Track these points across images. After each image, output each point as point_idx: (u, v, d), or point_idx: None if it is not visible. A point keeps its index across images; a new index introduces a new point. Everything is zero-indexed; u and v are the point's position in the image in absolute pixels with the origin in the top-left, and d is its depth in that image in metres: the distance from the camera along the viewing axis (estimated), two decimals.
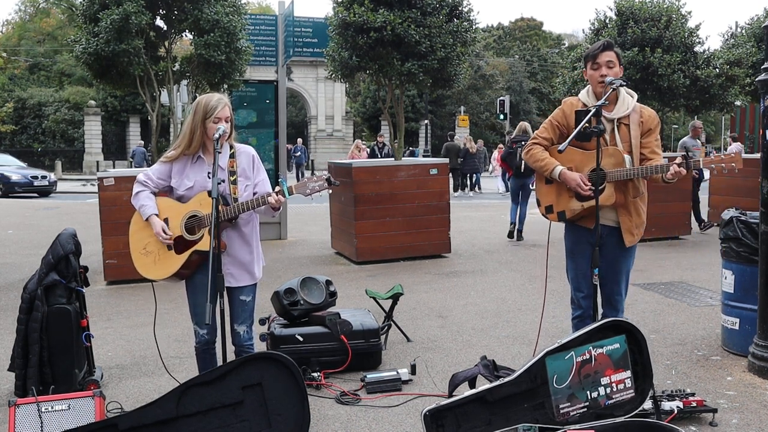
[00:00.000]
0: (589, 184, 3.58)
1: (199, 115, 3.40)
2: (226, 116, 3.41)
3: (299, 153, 29.57)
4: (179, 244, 3.43)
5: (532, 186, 9.60)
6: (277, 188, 3.33)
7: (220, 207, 3.31)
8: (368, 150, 18.77)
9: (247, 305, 3.56)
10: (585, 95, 3.78)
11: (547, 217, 3.86)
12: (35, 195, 21.71)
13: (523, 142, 9.34)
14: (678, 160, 3.49)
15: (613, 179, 3.58)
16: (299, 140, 32.09)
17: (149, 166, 9.47)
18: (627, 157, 3.63)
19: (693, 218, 10.48)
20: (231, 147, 3.52)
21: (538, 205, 3.91)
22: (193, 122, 3.42)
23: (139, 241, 3.54)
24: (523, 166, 9.33)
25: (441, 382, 4.20)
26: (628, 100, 3.70)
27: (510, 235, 10.10)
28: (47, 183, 22.30)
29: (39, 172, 23.16)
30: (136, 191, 3.53)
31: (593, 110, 3.48)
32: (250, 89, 10.56)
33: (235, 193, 3.42)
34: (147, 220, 3.46)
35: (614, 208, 3.67)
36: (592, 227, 3.62)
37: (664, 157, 3.84)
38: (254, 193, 3.50)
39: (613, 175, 3.58)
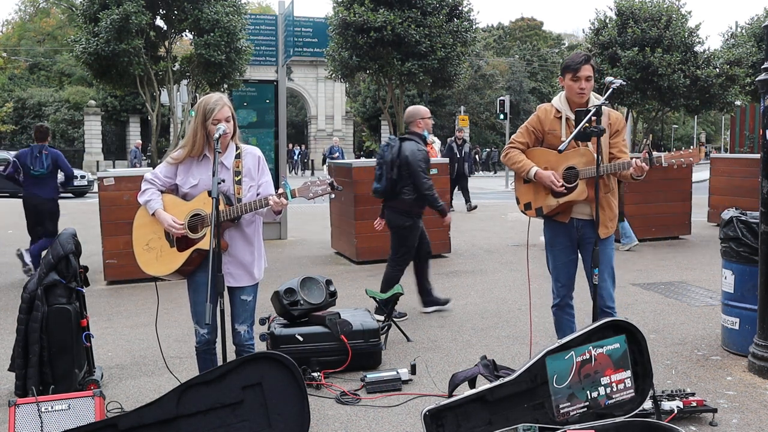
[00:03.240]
0: (561, 180, 3.85)
1: (200, 118, 3.42)
2: (226, 116, 3.41)
3: (336, 154, 24.28)
4: (181, 242, 3.44)
5: None
6: (280, 190, 3.34)
7: (223, 207, 3.32)
8: (442, 146, 15.35)
9: (248, 305, 3.57)
10: (558, 102, 4.01)
11: (525, 214, 4.09)
12: (71, 195, 21.27)
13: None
14: (643, 155, 3.74)
15: (585, 176, 3.82)
16: (336, 139, 27.49)
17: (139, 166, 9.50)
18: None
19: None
20: (237, 147, 3.52)
21: (518, 203, 4.14)
22: (195, 125, 3.44)
23: (143, 236, 3.54)
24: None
25: (441, 382, 4.20)
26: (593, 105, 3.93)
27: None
28: (86, 183, 21.93)
29: (78, 172, 22.61)
30: (143, 189, 3.54)
31: (594, 110, 3.59)
32: (250, 89, 10.56)
33: (239, 194, 3.42)
34: (154, 214, 3.46)
35: (588, 203, 3.90)
36: (566, 222, 3.95)
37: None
38: (257, 195, 3.51)
39: (584, 173, 3.82)
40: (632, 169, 3.67)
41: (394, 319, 5.28)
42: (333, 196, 3.44)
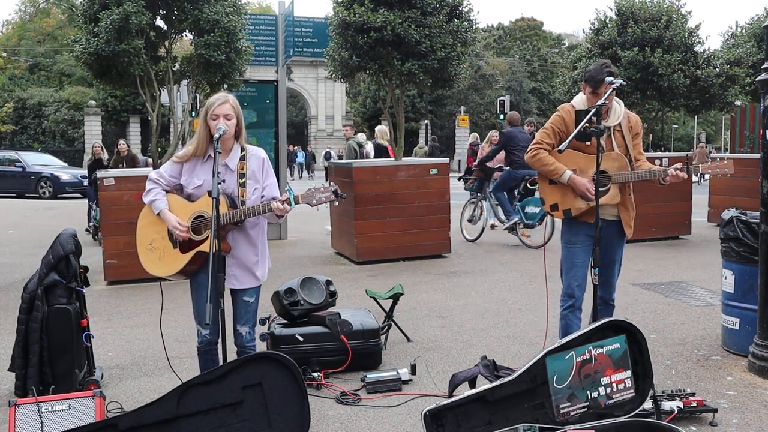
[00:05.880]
0: (593, 188, 3.84)
1: (203, 114, 3.44)
2: (225, 113, 3.40)
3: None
4: (184, 243, 3.43)
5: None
6: (284, 196, 3.34)
7: (227, 210, 3.32)
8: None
9: (250, 306, 3.56)
10: (582, 105, 3.97)
11: (552, 215, 4.07)
12: (79, 195, 21.12)
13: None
14: (679, 165, 3.83)
15: (617, 182, 3.90)
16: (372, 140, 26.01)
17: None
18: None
19: None
20: (242, 149, 3.52)
21: (542, 203, 4.12)
22: (200, 122, 3.46)
23: (146, 236, 3.54)
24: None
25: (441, 382, 4.20)
26: (618, 109, 3.99)
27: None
28: None
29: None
30: (148, 188, 3.53)
31: (593, 110, 3.60)
32: (250, 89, 10.56)
33: (243, 196, 3.42)
34: (158, 214, 3.45)
35: (615, 205, 3.97)
36: (591, 222, 3.89)
37: (665, 159, 3.99)
38: (262, 197, 3.50)
39: (617, 178, 3.89)
40: (670, 177, 3.81)
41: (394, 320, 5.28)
42: (337, 203, 3.45)
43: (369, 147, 12.51)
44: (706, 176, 3.96)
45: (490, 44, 51.48)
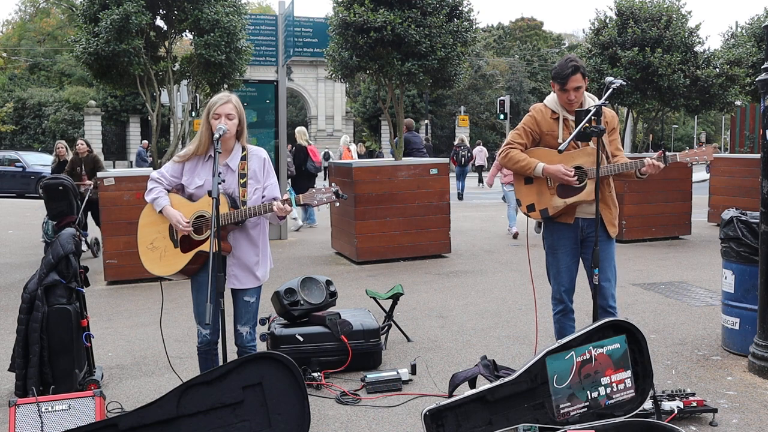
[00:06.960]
0: (572, 170, 3.75)
1: (205, 113, 3.45)
2: (227, 113, 3.40)
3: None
4: (185, 243, 3.43)
5: None
6: (285, 196, 3.34)
7: (228, 210, 3.32)
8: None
9: (251, 306, 3.56)
10: (554, 103, 3.91)
11: (529, 216, 3.97)
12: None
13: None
14: (655, 155, 3.74)
15: (594, 176, 3.72)
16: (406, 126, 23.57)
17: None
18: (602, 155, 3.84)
19: None
20: (243, 149, 3.52)
21: (519, 205, 4.01)
22: (202, 121, 3.46)
23: (147, 235, 3.54)
24: None
25: (441, 382, 4.20)
26: (592, 105, 3.84)
27: None
28: None
29: None
30: (150, 187, 3.53)
31: (594, 110, 3.56)
32: (250, 89, 10.56)
33: (243, 196, 3.42)
34: (161, 211, 3.45)
35: (593, 202, 3.82)
36: (571, 223, 3.86)
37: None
38: (263, 197, 3.51)
39: (593, 172, 3.72)
40: (647, 167, 3.70)
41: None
42: (338, 204, 3.47)
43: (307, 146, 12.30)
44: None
45: (490, 44, 51.49)
